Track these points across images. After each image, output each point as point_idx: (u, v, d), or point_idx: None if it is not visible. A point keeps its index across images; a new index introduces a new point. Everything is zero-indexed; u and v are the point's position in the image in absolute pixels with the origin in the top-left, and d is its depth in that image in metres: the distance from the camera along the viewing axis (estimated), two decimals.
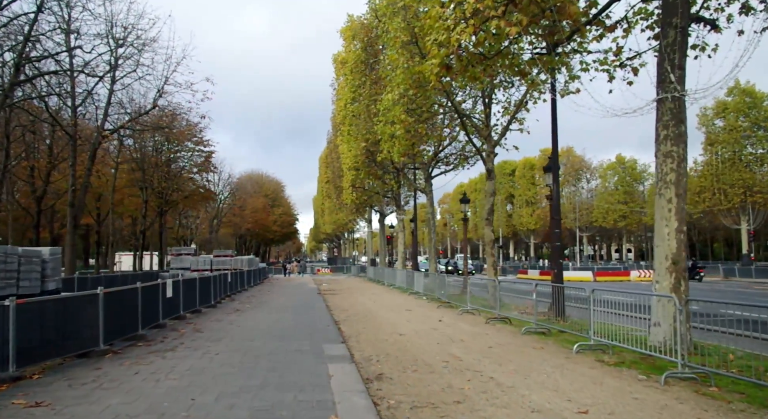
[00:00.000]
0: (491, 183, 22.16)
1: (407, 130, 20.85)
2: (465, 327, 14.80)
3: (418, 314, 18.39)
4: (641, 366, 9.27)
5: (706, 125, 54.81)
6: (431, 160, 30.55)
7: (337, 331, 13.78)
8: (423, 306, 21.47)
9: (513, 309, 18.43)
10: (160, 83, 26.55)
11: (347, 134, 39.10)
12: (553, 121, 17.01)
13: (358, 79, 32.27)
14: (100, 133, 26.00)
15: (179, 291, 16.41)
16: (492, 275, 21.63)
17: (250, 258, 42.82)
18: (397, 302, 23.58)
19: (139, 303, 12.43)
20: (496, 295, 20.35)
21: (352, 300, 24.69)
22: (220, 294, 23.58)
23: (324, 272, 72.32)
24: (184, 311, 17.01)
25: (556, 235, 17.13)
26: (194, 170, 44.66)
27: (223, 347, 11.15)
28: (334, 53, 46.57)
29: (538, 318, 15.10)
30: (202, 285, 19.75)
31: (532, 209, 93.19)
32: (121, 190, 42.51)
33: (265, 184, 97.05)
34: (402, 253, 42.38)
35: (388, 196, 44.14)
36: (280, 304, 22.01)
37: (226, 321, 16.07)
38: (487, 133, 22.07)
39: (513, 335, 13.20)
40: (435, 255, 31.43)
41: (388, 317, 17.39)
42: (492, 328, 14.55)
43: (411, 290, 29.32)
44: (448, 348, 11.30)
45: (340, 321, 16.14)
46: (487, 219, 22.10)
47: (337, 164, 56.55)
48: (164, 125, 31.10)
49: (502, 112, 22.56)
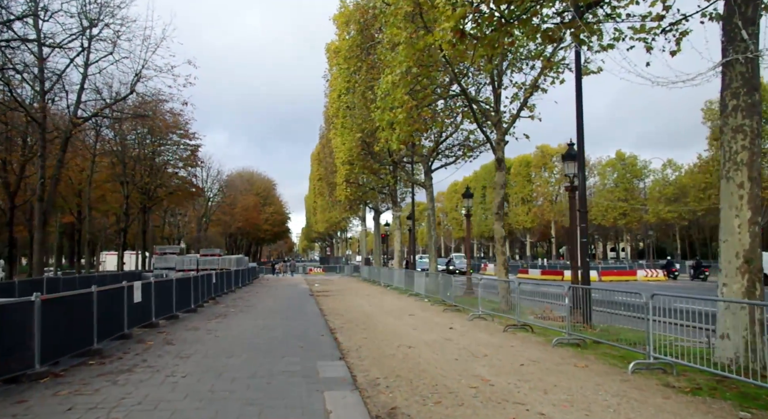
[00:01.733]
0: (501, 174, 20.14)
1: (409, 113, 18.75)
2: (482, 336, 12.73)
3: (423, 319, 16.32)
4: (726, 395, 7.22)
5: (712, 119, 53.02)
6: (432, 152, 28.48)
7: (333, 343, 11.67)
8: (426, 310, 19.39)
9: (527, 314, 16.47)
10: (139, 66, 24.33)
11: (341, 127, 37.03)
12: (578, 99, 14.96)
13: (353, 65, 30.13)
14: (72, 121, 23.72)
15: (150, 294, 14.25)
16: (503, 275, 19.61)
17: (239, 258, 40.62)
18: (397, 305, 21.50)
19: (95, 311, 10.27)
20: (508, 298, 18.36)
21: (347, 303, 22.60)
22: (203, 297, 21.43)
23: (316, 272, 70.15)
24: (158, 317, 14.86)
25: (583, 230, 15.09)
26: (180, 164, 42.32)
27: (193, 367, 9.02)
28: (327, 42, 44.34)
29: (561, 324, 13.10)
30: (181, 288, 17.59)
31: (527, 207, 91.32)
32: (102, 186, 40.18)
33: (256, 182, 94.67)
34: (399, 252, 40.30)
35: (383, 192, 42.05)
36: (268, 308, 19.87)
37: (204, 329, 13.92)
38: (496, 118, 20.03)
39: (542, 348, 11.14)
40: (435, 254, 29.37)
41: (391, 324, 15.30)
42: (514, 338, 12.48)
43: (410, 291, 27.26)
44: (471, 366, 9.22)
45: (336, 329, 14.04)
46: (497, 214, 20.05)
47: (330, 159, 54.37)
48: (144, 113, 28.71)
49: (511, 98, 20.58)
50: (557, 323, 14.18)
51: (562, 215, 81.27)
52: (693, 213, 59.24)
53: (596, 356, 10.07)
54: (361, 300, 24.35)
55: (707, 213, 57.10)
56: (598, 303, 14.20)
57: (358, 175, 38.89)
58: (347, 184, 40.51)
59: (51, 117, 25.07)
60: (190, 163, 41.54)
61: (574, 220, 18.08)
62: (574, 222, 18.08)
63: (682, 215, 60.39)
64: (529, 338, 12.47)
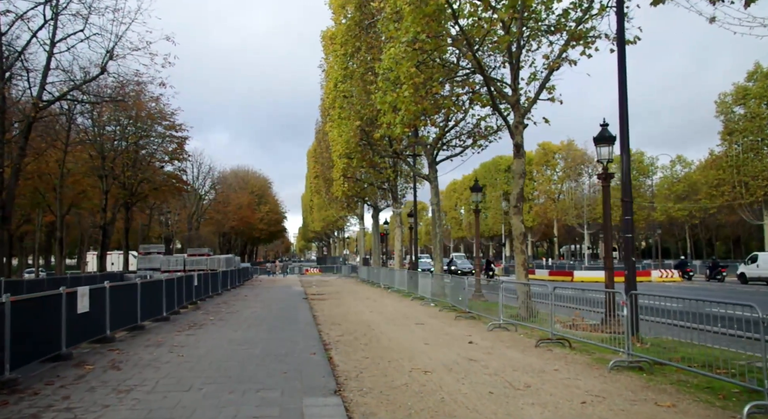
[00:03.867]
0: (520, 161, 17.60)
1: (416, 90, 16.21)
2: (513, 355, 10.20)
3: (434, 330, 13.79)
4: None
5: (725, 113, 50.54)
6: (437, 141, 25.92)
7: (326, 365, 9.13)
8: (435, 317, 16.87)
9: (548, 320, 14.03)
10: (111, 43, 21.70)
11: (338, 118, 34.48)
12: (621, 65, 12.42)
13: (351, 46, 27.60)
14: (34, 102, 21.11)
15: (104, 302, 11.68)
16: (522, 277, 17.08)
17: (228, 258, 38.03)
18: (401, 310, 18.97)
19: (7, 327, 7.71)
20: (529, 304, 15.81)
21: (345, 308, 20.05)
22: (180, 302, 18.85)
23: (312, 272, 67.58)
24: (115, 330, 12.29)
25: (627, 223, 12.55)
26: (165, 158, 39.64)
27: (127, 410, 6.44)
28: (323, 29, 41.79)
29: (601, 336, 10.64)
30: (149, 292, 15.02)
31: (528, 206, 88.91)
32: (82, 180, 37.52)
33: (251, 181, 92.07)
34: (399, 251, 37.78)
35: (383, 188, 39.49)
36: (254, 315, 17.30)
37: (169, 345, 11.35)
38: (514, 98, 17.46)
39: (596, 373, 8.61)
40: (441, 253, 26.83)
41: (397, 336, 12.75)
42: (553, 358, 9.96)
43: (414, 294, 24.73)
44: (516, 405, 6.69)
45: (331, 344, 11.49)
46: (515, 207, 17.50)
47: (326, 154, 51.77)
48: (120, 98, 26.01)
49: (528, 79, 18.09)
50: (596, 335, 11.74)
51: (564, 214, 78.88)
52: (704, 212, 56.78)
53: (676, 387, 7.54)
54: (361, 304, 21.81)
55: (718, 211, 54.73)
56: None
57: (357, 169, 36.38)
58: (345, 179, 37.98)
59: (12, 99, 22.45)
60: (176, 157, 38.88)
61: (606, 214, 15.62)
62: (607, 216, 15.63)
63: (692, 213, 57.94)
64: (573, 358, 9.94)
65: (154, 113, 35.30)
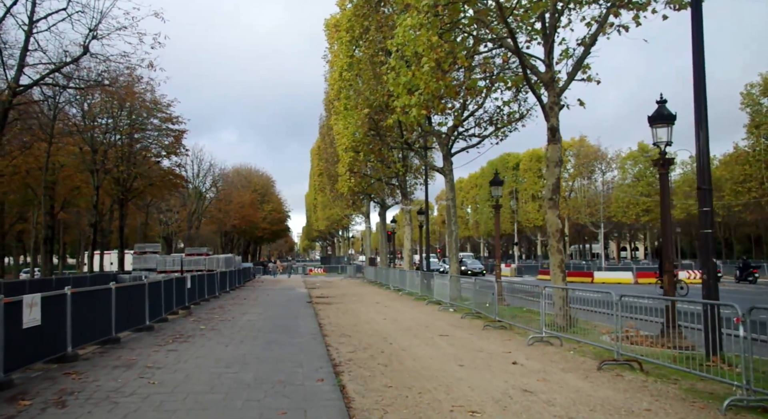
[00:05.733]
0: (556, 147, 15.38)
1: (438, 63, 13.97)
2: (578, 384, 7.95)
3: (464, 344, 11.56)
4: None
5: (751, 105, 48.17)
6: (453, 130, 23.68)
7: (339, 398, 6.93)
8: (460, 326, 14.65)
9: (598, 332, 11.94)
10: (94, 21, 19.51)
11: (343, 109, 32.30)
12: (696, 23, 10.17)
13: (360, 25, 25.35)
14: (12, 89, 18.96)
15: (64, 312, 9.50)
16: (559, 280, 14.80)
17: (227, 257, 35.85)
18: (418, 318, 16.74)
19: None
20: (567, 311, 13.57)
21: (354, 315, 17.82)
22: (169, 307, 16.69)
23: (317, 272, 65.40)
24: (80, 345, 10.13)
25: (706, 216, 10.26)
26: (162, 152, 37.41)
27: None
28: (327, 18, 39.62)
29: (675, 354, 8.46)
30: (128, 298, 12.83)
31: (538, 204, 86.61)
32: (74, 176, 35.42)
33: (253, 179, 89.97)
34: (409, 251, 35.54)
35: (391, 183, 37.24)
36: (250, 324, 15.09)
37: (139, 367, 9.13)
38: (548, 76, 15.24)
39: (704, 414, 6.37)
40: (457, 252, 24.56)
41: (422, 353, 10.51)
42: (632, 388, 7.71)
43: (428, 298, 22.52)
44: None
45: (341, 365, 9.27)
46: (551, 200, 15.24)
47: (331, 150, 49.63)
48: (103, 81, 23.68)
49: (560, 56, 15.86)
50: (664, 353, 9.51)
51: (576, 212, 76.43)
52: (726, 209, 54.30)
53: None
54: (371, 310, 19.58)
55: (743, 208, 52.25)
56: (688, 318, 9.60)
57: (364, 163, 34.17)
58: (351, 174, 35.76)
59: None
60: (173, 151, 36.66)
61: (664, 207, 13.37)
62: (666, 210, 13.37)
63: (714, 210, 55.45)
64: (657, 389, 7.68)
65: (148, 104, 33.11)
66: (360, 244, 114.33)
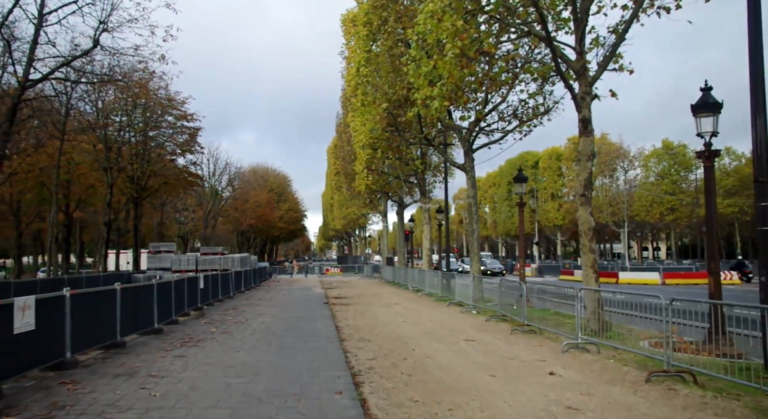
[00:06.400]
0: (588, 140, 14.42)
1: (462, 50, 13.10)
2: (628, 400, 7.06)
3: (492, 350, 10.70)
4: None
5: None
6: (475, 124, 22.76)
7: (360, 416, 6.12)
8: (486, 330, 13.79)
9: (630, 336, 11.07)
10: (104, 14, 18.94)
11: (360, 105, 31.60)
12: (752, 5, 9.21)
13: (378, 17, 24.55)
14: (19, 81, 18.46)
15: (62, 316, 8.80)
16: (592, 281, 13.84)
17: (243, 257, 35.25)
18: (440, 320, 15.89)
19: None
20: (600, 315, 12.66)
21: (372, 316, 17.02)
22: (181, 309, 16.04)
23: (333, 272, 64.74)
24: (82, 350, 9.46)
25: (764, 211, 9.29)
26: (177, 151, 36.92)
27: None
28: (343, 14, 38.89)
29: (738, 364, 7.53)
30: (134, 300, 12.13)
31: (558, 203, 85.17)
32: (89, 174, 35.07)
33: (270, 178, 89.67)
34: (428, 250, 34.65)
35: (410, 181, 36.40)
36: (264, 326, 14.35)
37: (142, 375, 8.40)
38: (580, 64, 14.29)
39: None
40: (479, 251, 23.66)
41: (448, 360, 9.67)
42: (690, 404, 6.82)
43: (449, 299, 21.67)
44: None
45: (362, 374, 8.46)
46: (583, 196, 14.29)
47: (348, 148, 48.87)
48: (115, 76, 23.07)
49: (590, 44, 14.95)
50: (713, 362, 8.58)
51: (598, 211, 74.93)
52: None
53: None
54: (390, 311, 18.76)
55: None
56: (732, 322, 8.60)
57: (381, 160, 33.39)
58: (368, 171, 35.00)
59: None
60: (188, 149, 36.15)
61: (710, 204, 12.34)
62: (711, 207, 12.34)
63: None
64: (721, 406, 6.78)
65: (163, 101, 32.59)
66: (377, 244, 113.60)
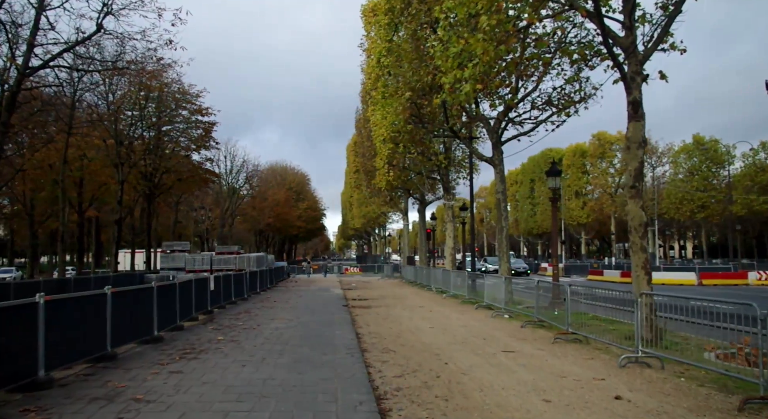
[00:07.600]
0: (639, 125, 12.89)
1: (499, 22, 11.59)
2: None
3: (538, 365, 9.17)
4: None
5: None
6: (504, 114, 21.20)
7: None
8: (524, 339, 12.25)
9: (689, 347, 9.55)
10: None
11: (381, 98, 30.18)
12: None
13: (400, 0, 23.13)
14: (18, 69, 17.34)
15: (35, 326, 7.47)
16: (644, 284, 12.21)
17: (259, 256, 34.04)
18: (471, 326, 14.39)
19: None
20: (653, 321, 11.05)
21: (396, 322, 15.57)
22: (187, 313, 14.76)
23: (352, 271, 63.44)
24: (63, 365, 8.14)
25: None
26: (192, 146, 35.79)
27: None
28: (363, 4, 37.44)
29: None
30: (129, 306, 10.83)
31: (582, 201, 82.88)
32: (101, 172, 34.11)
33: (288, 176, 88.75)
34: (452, 249, 33.11)
35: (432, 177, 34.90)
36: (276, 333, 12.98)
37: (124, 398, 7.03)
38: (629, 41, 12.68)
39: None
40: (508, 250, 22.11)
41: (489, 379, 8.17)
42: None
43: (477, 301, 20.16)
44: None
45: (387, 398, 7.01)
46: (633, 188, 12.72)
47: (368, 144, 47.43)
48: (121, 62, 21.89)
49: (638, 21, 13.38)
50: None
51: (624, 210, 72.63)
52: None
53: None
54: (415, 315, 17.29)
55: None
56: None
57: (403, 155, 31.92)
58: (390, 166, 33.55)
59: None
60: (203, 145, 35.00)
61: None
62: None
63: None
64: None
65: (177, 94, 31.47)
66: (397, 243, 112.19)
